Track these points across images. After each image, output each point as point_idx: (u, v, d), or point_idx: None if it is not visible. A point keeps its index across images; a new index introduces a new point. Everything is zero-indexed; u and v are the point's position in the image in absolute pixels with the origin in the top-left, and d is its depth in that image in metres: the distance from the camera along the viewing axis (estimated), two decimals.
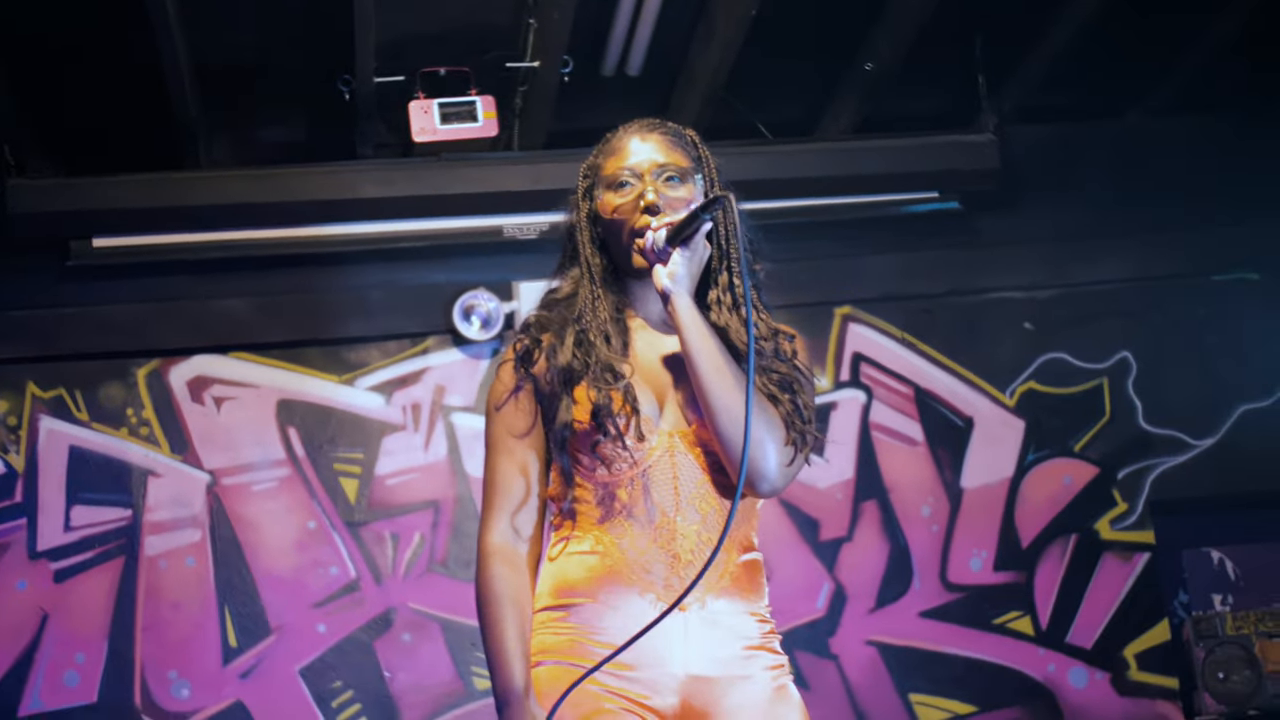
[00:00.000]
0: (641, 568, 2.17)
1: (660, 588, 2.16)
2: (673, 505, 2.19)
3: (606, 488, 2.20)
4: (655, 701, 2.16)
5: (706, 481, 2.20)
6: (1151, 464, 4.97)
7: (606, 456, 2.19)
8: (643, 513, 2.19)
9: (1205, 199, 4.95)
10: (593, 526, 2.21)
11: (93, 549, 4.62)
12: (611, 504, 2.20)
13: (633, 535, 2.19)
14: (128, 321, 4.66)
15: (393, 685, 4.66)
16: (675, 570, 2.17)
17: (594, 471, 2.20)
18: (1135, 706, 4.89)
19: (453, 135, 4.43)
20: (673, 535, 2.18)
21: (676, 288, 2.18)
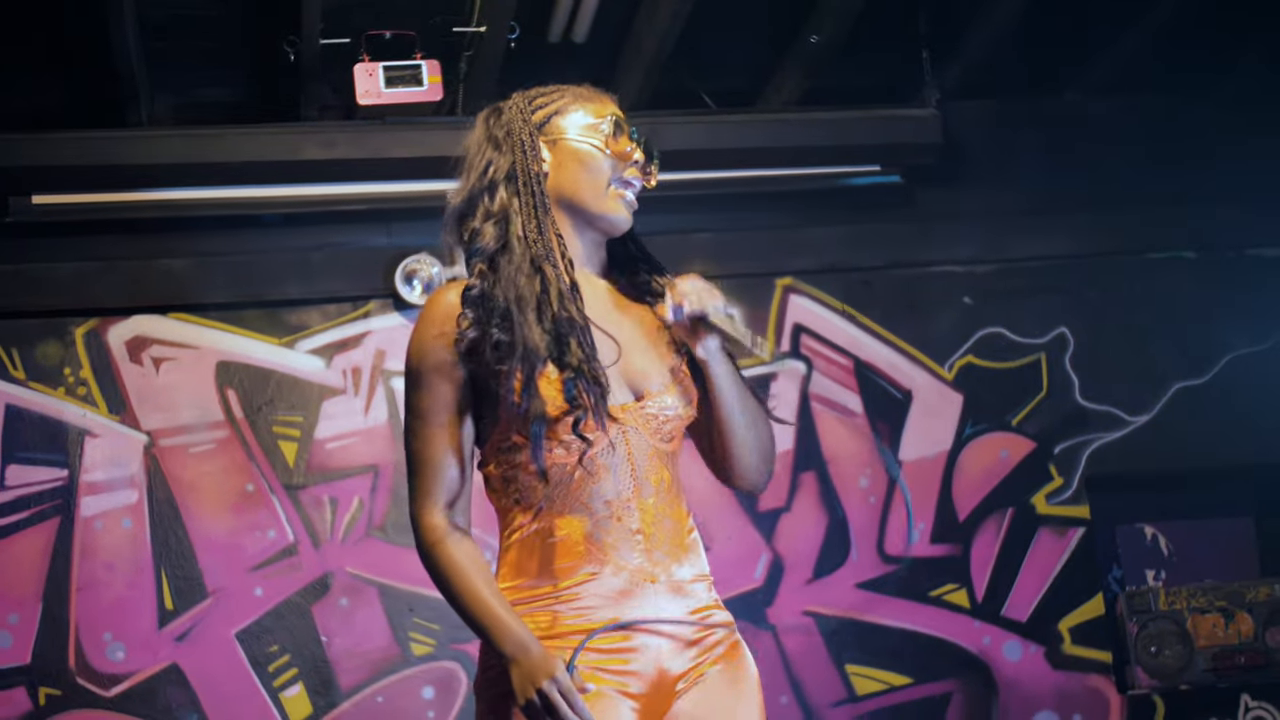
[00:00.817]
0: (610, 547, 2.21)
1: (632, 564, 2.21)
2: (630, 483, 2.22)
3: (562, 469, 2.21)
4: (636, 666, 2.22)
5: (656, 453, 2.24)
6: (1088, 439, 5.21)
7: (559, 441, 2.20)
8: (601, 494, 2.22)
9: (1142, 177, 5.21)
10: (549, 509, 2.22)
11: (28, 509, 4.76)
12: (569, 485, 2.21)
13: (594, 517, 2.22)
14: (66, 280, 4.80)
15: (330, 650, 4.84)
16: (642, 544, 2.22)
17: (550, 453, 2.20)
18: (1069, 679, 5.13)
19: (397, 99, 4.58)
20: (632, 512, 2.23)
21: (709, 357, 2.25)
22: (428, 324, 2.24)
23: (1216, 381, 5.26)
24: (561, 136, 2.29)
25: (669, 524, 2.24)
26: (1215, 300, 5.28)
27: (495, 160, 2.29)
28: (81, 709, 4.72)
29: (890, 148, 5.00)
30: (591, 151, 2.28)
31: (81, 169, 4.66)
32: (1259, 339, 5.27)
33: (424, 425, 2.21)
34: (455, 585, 2.19)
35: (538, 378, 2.16)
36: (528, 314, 2.18)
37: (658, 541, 2.23)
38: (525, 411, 2.16)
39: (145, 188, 4.75)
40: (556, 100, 2.31)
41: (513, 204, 2.25)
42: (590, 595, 2.19)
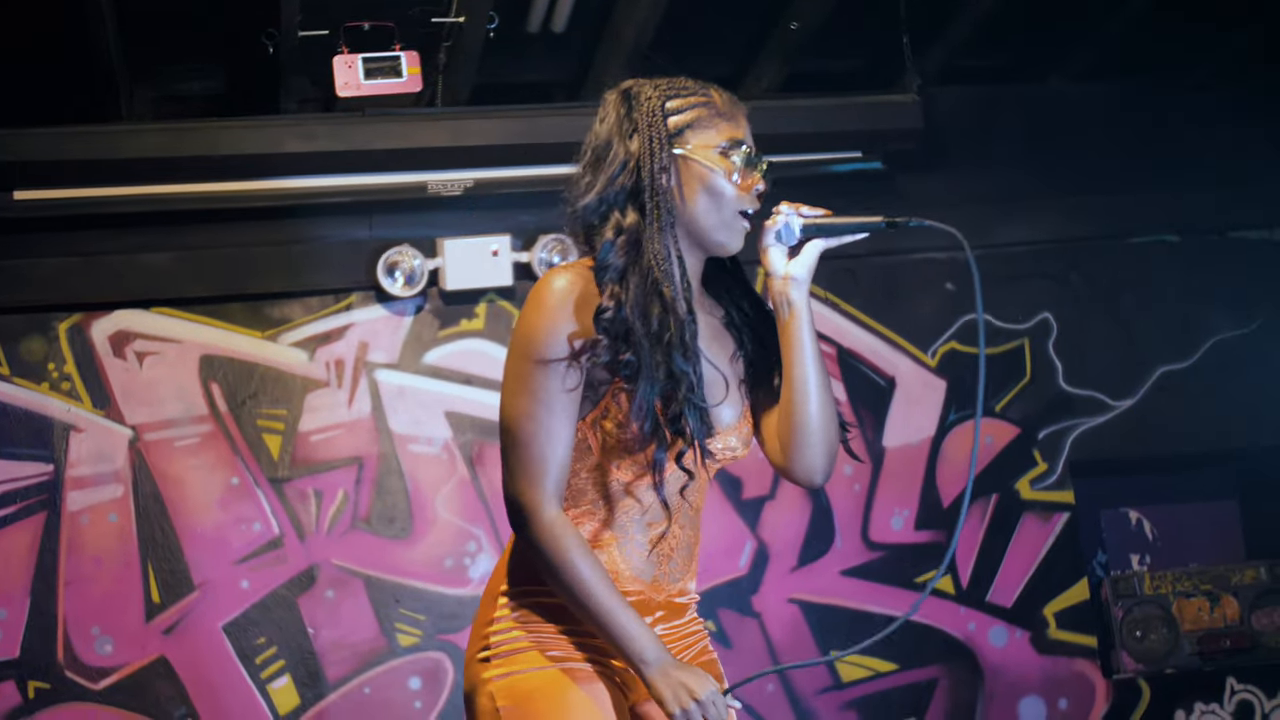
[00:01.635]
0: (634, 568, 2.32)
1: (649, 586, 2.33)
2: (677, 510, 2.31)
3: (618, 485, 2.30)
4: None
5: (702, 484, 2.36)
6: (1071, 425, 5.42)
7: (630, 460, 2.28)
8: (645, 516, 2.31)
9: (1125, 162, 5.42)
10: (590, 520, 2.31)
11: (14, 504, 4.98)
12: (619, 503, 2.30)
13: (631, 537, 2.31)
14: (49, 275, 5.01)
15: (316, 641, 5.05)
16: (663, 568, 2.34)
17: (618, 470, 2.29)
18: (1054, 665, 5.35)
19: (376, 90, 4.74)
20: (666, 538, 2.32)
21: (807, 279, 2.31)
22: (558, 310, 2.24)
23: (1200, 365, 5.48)
24: (691, 155, 2.30)
25: (686, 549, 2.35)
26: (1198, 284, 5.49)
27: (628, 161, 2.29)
28: (70, 702, 4.95)
29: (871, 134, 5.19)
30: (721, 181, 2.30)
31: (63, 164, 4.84)
32: (1243, 322, 5.48)
33: (546, 412, 2.23)
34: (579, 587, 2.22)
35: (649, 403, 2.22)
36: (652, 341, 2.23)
37: (676, 565, 2.35)
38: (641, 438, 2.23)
39: (127, 182, 4.93)
40: (694, 108, 2.32)
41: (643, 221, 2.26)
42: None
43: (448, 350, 5.16)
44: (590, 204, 2.30)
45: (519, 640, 2.30)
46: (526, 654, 2.29)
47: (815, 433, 2.32)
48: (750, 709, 5.14)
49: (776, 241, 2.33)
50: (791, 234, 2.32)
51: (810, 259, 2.35)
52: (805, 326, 2.32)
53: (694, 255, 2.34)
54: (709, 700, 2.22)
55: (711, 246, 2.34)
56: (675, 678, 2.23)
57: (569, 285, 2.25)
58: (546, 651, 2.29)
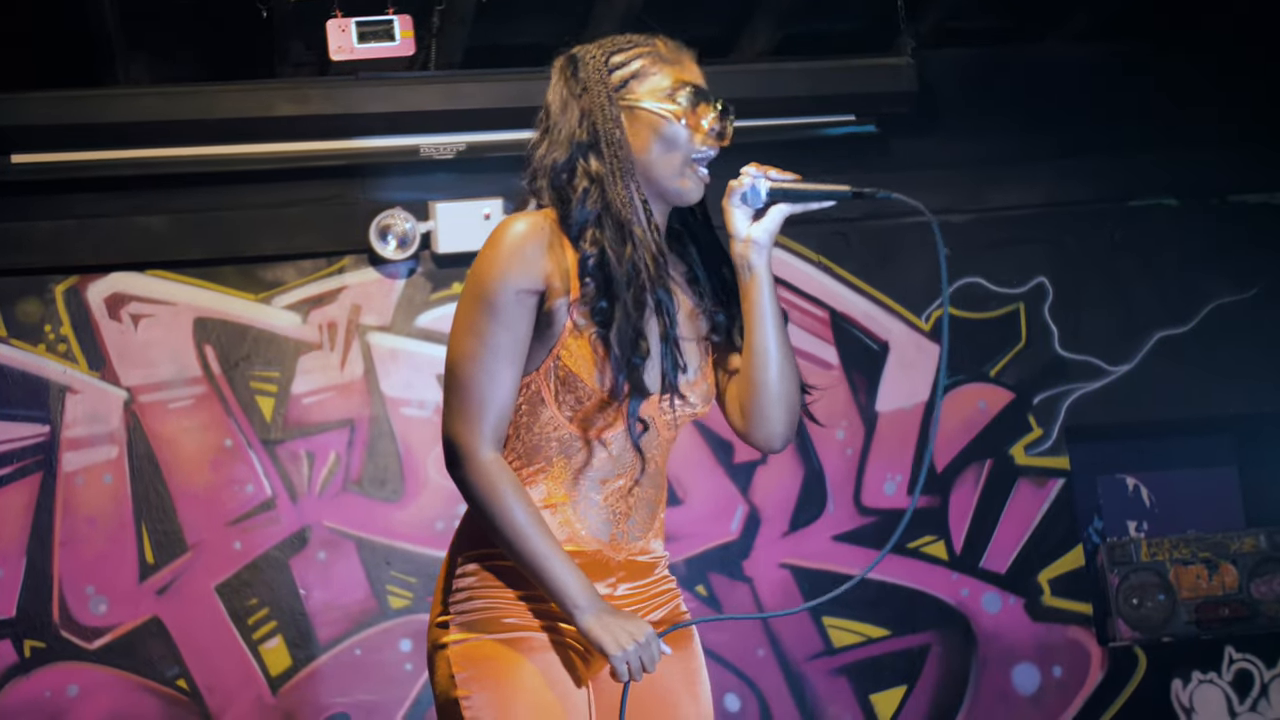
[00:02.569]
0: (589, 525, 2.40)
1: (605, 543, 2.41)
2: (631, 465, 2.41)
3: (571, 439, 2.38)
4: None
5: (662, 441, 2.44)
6: (1067, 390, 5.62)
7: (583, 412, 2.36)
8: (599, 471, 2.39)
9: (1123, 125, 5.63)
10: (545, 476, 2.39)
11: (10, 464, 5.26)
12: (572, 457, 2.38)
13: (584, 494, 2.40)
14: (46, 238, 5.31)
15: (308, 603, 5.31)
16: (620, 526, 2.42)
17: (569, 421, 2.37)
18: (1048, 632, 5.56)
19: (370, 54, 4.98)
20: (622, 494, 2.42)
21: (769, 243, 2.39)
22: (513, 254, 2.32)
23: (1199, 330, 5.68)
24: (637, 104, 2.39)
25: (645, 509, 2.44)
26: (1197, 248, 5.68)
27: (583, 117, 2.38)
28: (65, 661, 5.25)
29: (865, 97, 5.41)
30: (666, 123, 2.39)
31: (59, 128, 5.14)
32: (1242, 287, 5.66)
33: (490, 355, 2.31)
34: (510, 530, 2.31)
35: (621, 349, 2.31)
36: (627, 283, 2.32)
37: (634, 524, 2.43)
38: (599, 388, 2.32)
39: (122, 146, 5.22)
40: (637, 59, 2.42)
41: (605, 169, 2.36)
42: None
43: (440, 313, 5.41)
44: (559, 161, 2.39)
45: (475, 605, 2.39)
46: (482, 620, 2.37)
47: (775, 397, 2.41)
48: (740, 674, 5.36)
49: (741, 204, 2.40)
50: (758, 197, 2.39)
51: (773, 223, 2.42)
52: (765, 290, 2.41)
53: (658, 205, 2.42)
54: (646, 642, 2.30)
55: (670, 195, 2.42)
56: (610, 622, 2.31)
57: (527, 230, 2.34)
58: (503, 618, 2.37)
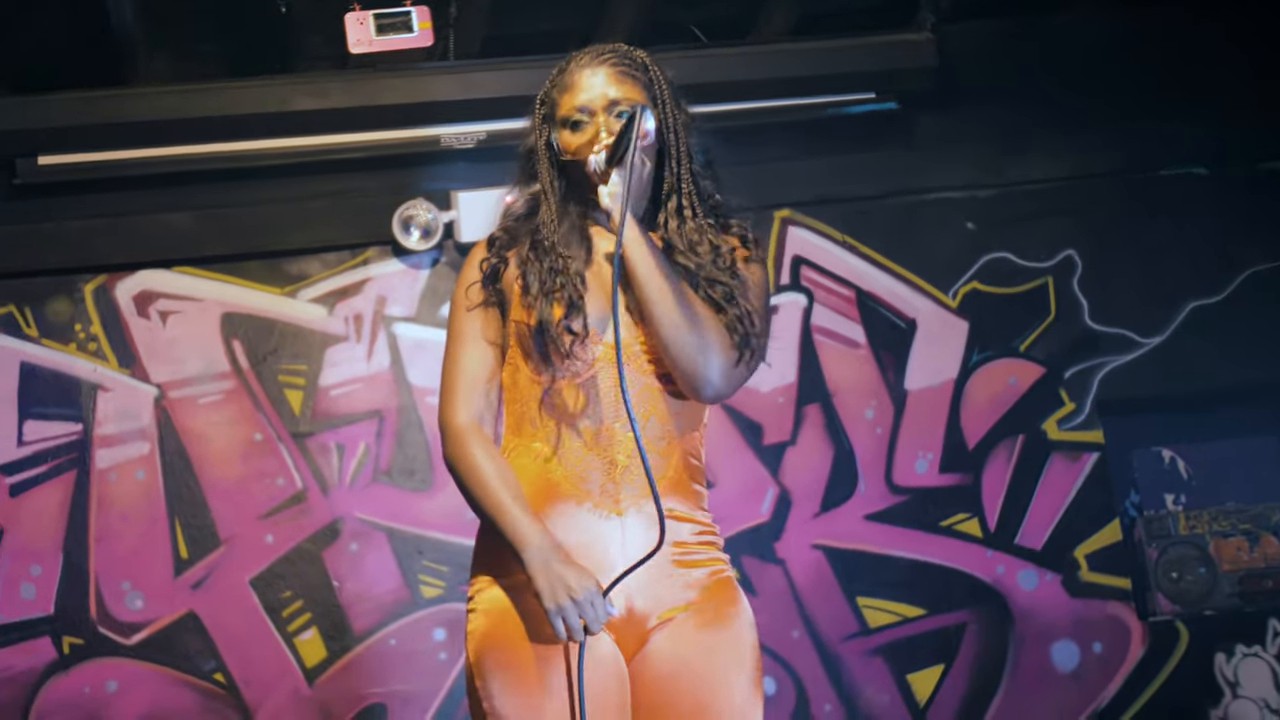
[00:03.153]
0: (579, 477, 2.63)
1: (597, 494, 2.62)
2: (613, 413, 2.64)
3: (550, 394, 2.65)
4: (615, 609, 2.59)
5: (649, 388, 2.66)
6: (1099, 363, 5.71)
7: (551, 362, 2.65)
8: (583, 419, 2.64)
9: (1149, 94, 5.72)
10: (534, 434, 2.66)
11: (45, 463, 5.45)
12: (553, 410, 2.65)
13: (571, 443, 2.64)
14: (74, 238, 5.53)
15: (341, 594, 5.48)
16: (611, 476, 2.63)
17: (539, 375, 2.66)
18: (1087, 607, 5.63)
19: (388, 46, 5.13)
20: (611, 442, 2.64)
21: (615, 205, 2.62)
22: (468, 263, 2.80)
23: (1233, 299, 5.75)
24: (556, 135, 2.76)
25: (650, 460, 2.59)
26: (1229, 217, 5.77)
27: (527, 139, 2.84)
28: (103, 657, 5.45)
29: (885, 74, 5.53)
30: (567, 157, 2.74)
31: (83, 129, 5.34)
32: (1275, 255, 5.74)
33: (458, 343, 2.75)
34: (473, 484, 2.63)
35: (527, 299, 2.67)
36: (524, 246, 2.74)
37: (631, 475, 2.63)
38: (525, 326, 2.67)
39: (145, 144, 5.41)
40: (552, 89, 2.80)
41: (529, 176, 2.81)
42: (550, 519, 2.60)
43: None
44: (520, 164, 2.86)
45: (490, 594, 2.62)
46: (496, 608, 2.60)
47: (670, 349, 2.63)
48: (775, 655, 5.47)
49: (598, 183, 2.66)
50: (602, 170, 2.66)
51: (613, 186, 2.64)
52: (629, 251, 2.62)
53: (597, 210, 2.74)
54: (586, 600, 2.51)
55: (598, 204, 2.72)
56: (555, 571, 2.53)
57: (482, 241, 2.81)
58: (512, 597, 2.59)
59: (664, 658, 2.60)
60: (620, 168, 2.62)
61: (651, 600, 2.62)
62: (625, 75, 2.73)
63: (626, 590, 2.59)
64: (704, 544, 2.69)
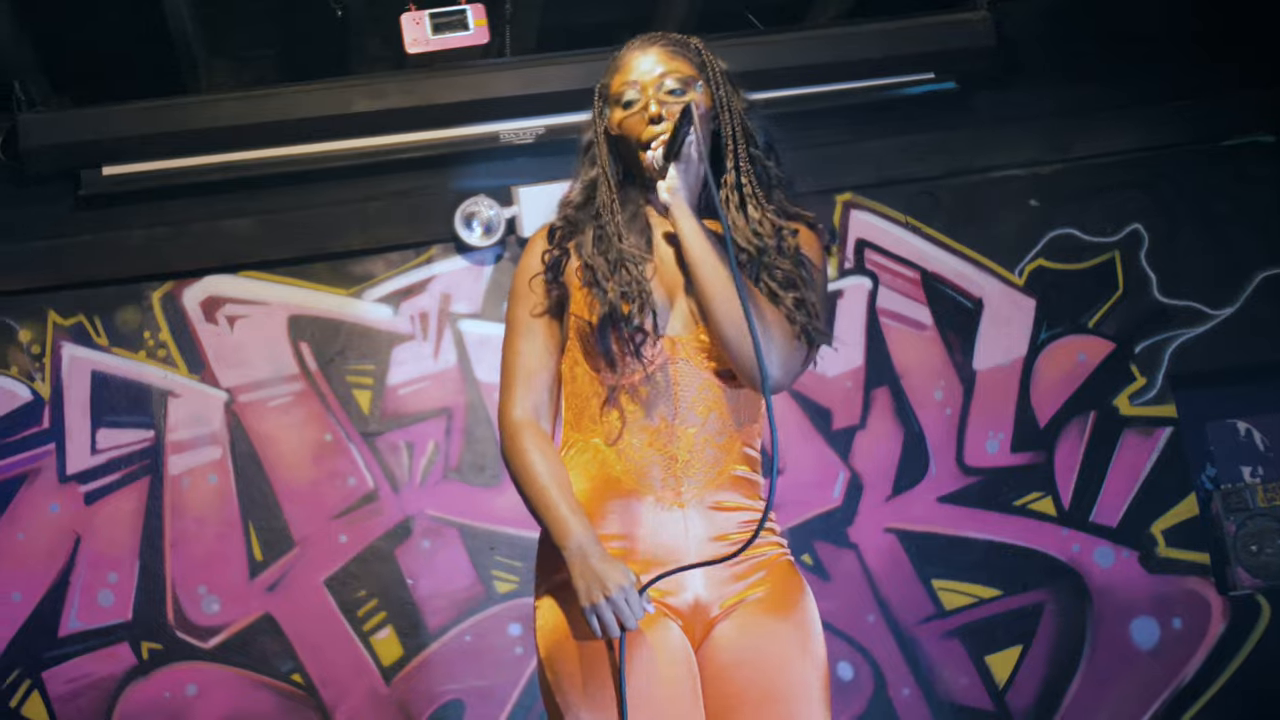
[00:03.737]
0: (640, 472, 2.70)
1: (658, 488, 2.69)
2: (672, 410, 2.71)
3: (612, 389, 2.72)
4: (674, 600, 2.69)
5: (709, 384, 2.73)
6: (1169, 336, 5.75)
7: (614, 358, 2.71)
8: (643, 415, 2.71)
9: (1210, 64, 5.75)
10: (594, 429, 2.74)
11: (119, 470, 5.59)
12: (614, 406, 2.72)
13: (632, 439, 2.71)
14: (140, 246, 5.67)
15: (415, 592, 5.58)
16: (672, 471, 2.70)
17: (600, 370, 2.73)
18: (1165, 584, 5.67)
19: (445, 44, 5.25)
20: (671, 438, 2.71)
21: (674, 199, 2.73)
22: (528, 252, 2.87)
23: None
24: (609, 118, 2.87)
25: (711, 454, 2.71)
26: None
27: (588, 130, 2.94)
28: (183, 661, 5.58)
29: (943, 54, 5.59)
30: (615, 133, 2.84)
31: (146, 138, 5.48)
32: None
33: (517, 336, 2.81)
34: (523, 480, 2.72)
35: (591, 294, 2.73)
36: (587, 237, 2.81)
37: (691, 469, 2.71)
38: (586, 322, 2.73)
39: (207, 151, 5.55)
40: (606, 75, 2.91)
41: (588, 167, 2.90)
42: (620, 524, 2.69)
43: None
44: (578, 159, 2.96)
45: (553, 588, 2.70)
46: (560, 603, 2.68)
47: (727, 340, 2.69)
48: (852, 641, 5.53)
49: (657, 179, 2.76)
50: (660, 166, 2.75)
51: (671, 180, 2.74)
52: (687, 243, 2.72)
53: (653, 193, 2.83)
54: (620, 598, 2.57)
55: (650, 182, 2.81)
56: (592, 568, 2.60)
57: (541, 231, 2.88)
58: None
59: (730, 646, 2.67)
60: (678, 162, 2.72)
61: (715, 590, 2.70)
62: (675, 53, 2.83)
63: (691, 581, 2.67)
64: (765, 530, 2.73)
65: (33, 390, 5.60)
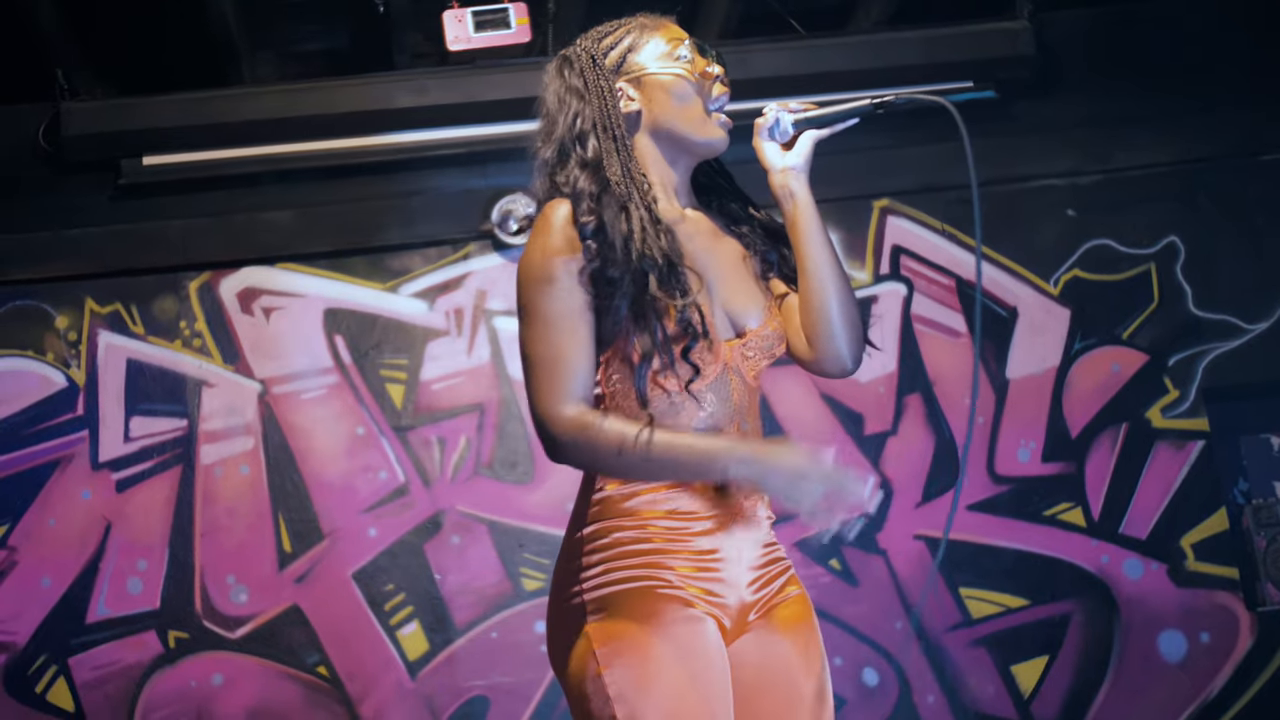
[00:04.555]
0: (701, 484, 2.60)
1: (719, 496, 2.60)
2: (728, 417, 2.63)
3: (668, 398, 2.60)
4: (729, 599, 2.62)
5: (752, 388, 2.68)
6: (1203, 349, 5.86)
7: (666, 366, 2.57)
8: (702, 423, 2.61)
9: (1248, 77, 5.87)
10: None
11: (151, 459, 5.71)
12: (674, 416, 2.60)
13: None
14: (178, 236, 5.80)
15: (443, 587, 5.70)
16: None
17: (649, 376, 2.57)
18: (1194, 597, 5.77)
19: (487, 42, 5.39)
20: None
21: (805, 169, 2.65)
22: (552, 233, 2.57)
23: None
24: (644, 72, 2.70)
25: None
26: None
27: (581, 110, 2.69)
28: (209, 650, 5.70)
29: (983, 63, 5.71)
30: (679, 80, 2.69)
31: (188, 129, 5.62)
32: None
33: (555, 332, 2.54)
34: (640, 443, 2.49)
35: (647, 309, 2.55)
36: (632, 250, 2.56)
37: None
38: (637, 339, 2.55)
39: (248, 144, 5.68)
40: (624, 37, 2.74)
41: (604, 150, 2.65)
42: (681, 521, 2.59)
43: None
44: (550, 156, 2.70)
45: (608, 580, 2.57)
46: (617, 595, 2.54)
47: (836, 319, 2.67)
48: (878, 647, 5.64)
49: (770, 139, 2.70)
50: (784, 130, 2.69)
51: (805, 149, 2.70)
52: (811, 215, 2.67)
53: (679, 165, 2.74)
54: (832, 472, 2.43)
55: (699, 149, 2.72)
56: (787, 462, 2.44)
57: (555, 212, 2.60)
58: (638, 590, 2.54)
59: (761, 646, 2.66)
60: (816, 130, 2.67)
61: (755, 594, 2.67)
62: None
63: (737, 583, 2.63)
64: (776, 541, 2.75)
65: (68, 377, 5.72)
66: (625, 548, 2.58)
